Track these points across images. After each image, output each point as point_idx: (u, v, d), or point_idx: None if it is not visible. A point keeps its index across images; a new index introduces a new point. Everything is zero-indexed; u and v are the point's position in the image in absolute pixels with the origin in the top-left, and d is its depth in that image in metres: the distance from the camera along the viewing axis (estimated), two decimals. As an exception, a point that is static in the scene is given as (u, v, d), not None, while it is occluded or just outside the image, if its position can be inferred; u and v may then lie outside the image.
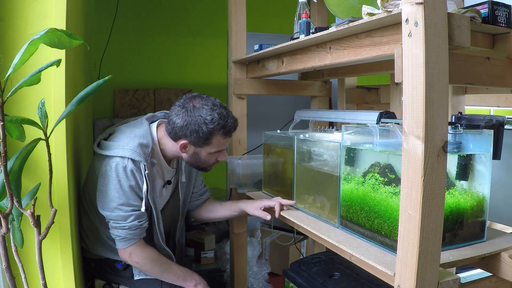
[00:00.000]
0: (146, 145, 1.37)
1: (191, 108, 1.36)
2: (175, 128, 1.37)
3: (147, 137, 1.39)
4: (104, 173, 1.33)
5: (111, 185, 1.32)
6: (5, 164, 0.87)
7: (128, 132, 1.39)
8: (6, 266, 0.97)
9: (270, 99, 2.78)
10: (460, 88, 1.69)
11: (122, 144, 1.35)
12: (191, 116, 1.35)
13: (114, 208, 1.32)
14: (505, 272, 1.01)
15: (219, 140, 1.39)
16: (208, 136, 1.36)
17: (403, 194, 0.85)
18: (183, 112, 1.36)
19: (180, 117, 1.36)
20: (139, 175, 1.34)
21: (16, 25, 1.15)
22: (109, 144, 1.37)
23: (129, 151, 1.33)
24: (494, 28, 1.03)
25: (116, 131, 1.45)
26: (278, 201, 1.48)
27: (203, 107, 1.35)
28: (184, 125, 1.35)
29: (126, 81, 2.75)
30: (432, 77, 0.79)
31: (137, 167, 1.34)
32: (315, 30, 1.28)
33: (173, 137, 1.40)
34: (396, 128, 1.15)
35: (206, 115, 1.34)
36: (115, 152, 1.34)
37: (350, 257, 1.10)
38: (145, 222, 1.38)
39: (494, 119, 1.09)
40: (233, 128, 1.41)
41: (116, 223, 1.33)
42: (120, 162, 1.32)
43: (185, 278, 1.44)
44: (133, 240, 1.35)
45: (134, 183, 1.33)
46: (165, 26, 2.87)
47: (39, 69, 0.89)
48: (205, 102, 1.37)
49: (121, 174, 1.32)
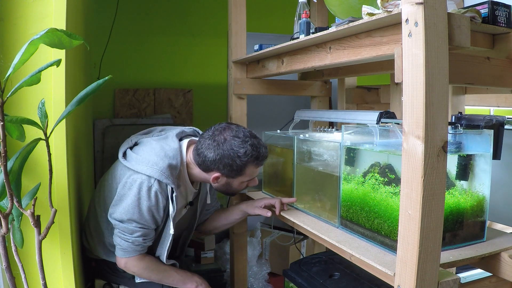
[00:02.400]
0: (175, 167, 1.34)
1: (222, 141, 1.33)
2: (206, 161, 1.34)
3: (177, 158, 1.36)
4: (126, 184, 1.31)
5: (129, 199, 1.29)
6: (5, 164, 0.87)
7: (158, 149, 1.34)
8: (6, 266, 0.97)
9: (270, 99, 2.78)
10: (460, 88, 1.69)
11: (152, 161, 1.30)
12: (223, 149, 1.32)
13: (124, 220, 1.30)
14: (505, 272, 1.01)
15: (252, 169, 1.38)
16: (241, 168, 1.34)
17: (403, 194, 0.85)
18: (215, 146, 1.32)
19: (211, 151, 1.32)
20: (162, 198, 1.31)
21: (16, 25, 1.15)
22: (137, 158, 1.33)
23: (158, 171, 1.29)
24: (494, 28, 1.03)
25: (144, 143, 1.40)
26: (279, 199, 1.50)
27: (235, 139, 1.33)
28: (216, 159, 1.32)
29: (126, 81, 2.75)
30: (432, 77, 0.79)
31: (163, 189, 1.31)
32: (315, 30, 1.28)
33: (204, 169, 1.37)
34: (396, 128, 1.15)
35: (239, 148, 1.32)
36: (142, 169, 1.30)
37: (350, 257, 1.10)
38: (150, 241, 1.37)
39: (494, 119, 1.09)
40: (265, 157, 1.39)
41: (121, 233, 1.32)
42: (146, 181, 1.29)
43: (185, 281, 1.44)
44: (132, 253, 1.34)
45: (154, 204, 1.30)
46: (165, 26, 2.87)
47: (39, 69, 0.89)
48: (236, 133, 1.34)
49: (144, 193, 1.29)
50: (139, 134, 1.48)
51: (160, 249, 1.42)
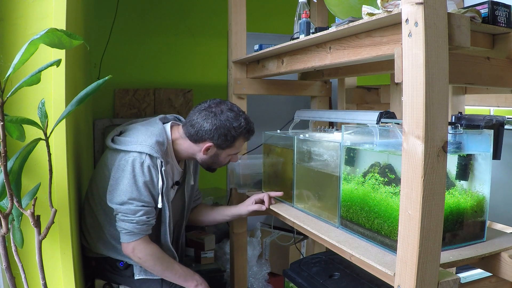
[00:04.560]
0: (162, 143, 1.41)
1: (219, 112, 1.42)
2: (201, 131, 1.42)
3: (162, 135, 1.43)
4: (119, 167, 1.35)
5: (125, 179, 1.34)
6: (5, 164, 0.87)
7: (143, 130, 1.42)
8: (6, 266, 0.97)
9: (270, 99, 2.78)
10: (460, 88, 1.69)
11: (140, 140, 1.37)
12: (220, 120, 1.41)
13: (124, 201, 1.34)
14: (505, 272, 1.01)
15: (240, 143, 1.49)
16: (233, 139, 1.44)
17: (403, 194, 0.85)
18: (212, 117, 1.41)
19: (208, 121, 1.41)
20: (155, 172, 1.37)
21: (16, 25, 1.15)
22: (125, 140, 1.40)
23: (148, 147, 1.35)
24: (494, 28, 1.03)
25: (129, 129, 1.47)
26: (267, 193, 1.58)
27: (231, 111, 1.44)
28: (212, 129, 1.41)
29: (126, 81, 2.75)
30: (432, 77, 0.79)
31: (154, 164, 1.36)
32: (315, 30, 1.28)
33: (196, 139, 1.44)
34: (396, 128, 1.15)
35: (234, 120, 1.43)
36: (132, 147, 1.36)
37: (350, 257, 1.10)
38: (153, 219, 1.40)
39: (494, 119, 1.09)
40: (254, 132, 1.52)
41: (124, 216, 1.34)
42: (138, 157, 1.35)
43: (186, 278, 1.44)
44: (138, 235, 1.36)
45: (149, 178, 1.35)
46: (165, 26, 2.87)
47: (39, 69, 0.89)
48: (231, 107, 1.45)
49: (138, 169, 1.34)
50: (123, 125, 1.54)
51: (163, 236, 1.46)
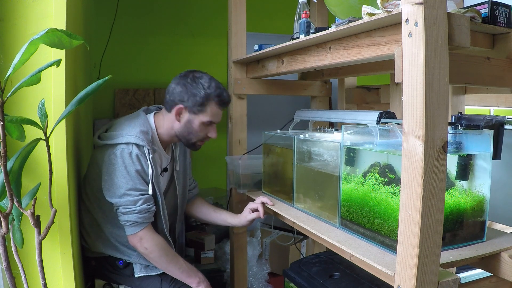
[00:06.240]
0: (146, 132, 1.43)
1: (191, 77, 1.45)
2: (174, 94, 1.45)
3: (146, 125, 1.45)
4: (109, 161, 1.36)
5: (117, 172, 1.35)
6: (5, 164, 0.87)
7: (127, 123, 1.44)
8: (6, 266, 0.97)
9: (270, 99, 2.78)
10: (460, 88, 1.69)
11: (125, 132, 1.39)
12: (190, 83, 1.44)
13: (122, 194, 1.35)
14: (505, 272, 1.01)
15: (213, 109, 1.46)
16: (204, 101, 1.44)
17: (403, 194, 0.85)
18: (183, 80, 1.45)
19: (180, 85, 1.45)
20: (144, 160, 1.38)
21: (16, 25, 1.15)
22: (111, 134, 1.41)
23: (133, 137, 1.37)
24: (494, 28, 1.03)
25: (113, 124, 1.49)
26: (261, 200, 1.58)
27: (203, 77, 1.46)
28: (183, 90, 1.44)
29: (126, 81, 2.75)
30: (432, 77, 0.79)
31: (142, 152, 1.38)
32: (315, 30, 1.28)
33: (170, 105, 1.46)
34: (396, 128, 1.15)
35: (205, 82, 1.45)
36: (118, 140, 1.38)
37: (350, 257, 1.10)
38: (153, 206, 1.41)
39: (494, 119, 1.09)
40: (227, 100, 1.50)
41: (125, 209, 1.35)
42: (125, 148, 1.36)
43: (189, 273, 1.44)
44: (143, 224, 1.37)
45: (140, 167, 1.37)
46: (165, 26, 2.87)
47: (39, 69, 0.89)
48: (204, 74, 1.48)
49: (127, 159, 1.35)
50: (109, 123, 1.55)
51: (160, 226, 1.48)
